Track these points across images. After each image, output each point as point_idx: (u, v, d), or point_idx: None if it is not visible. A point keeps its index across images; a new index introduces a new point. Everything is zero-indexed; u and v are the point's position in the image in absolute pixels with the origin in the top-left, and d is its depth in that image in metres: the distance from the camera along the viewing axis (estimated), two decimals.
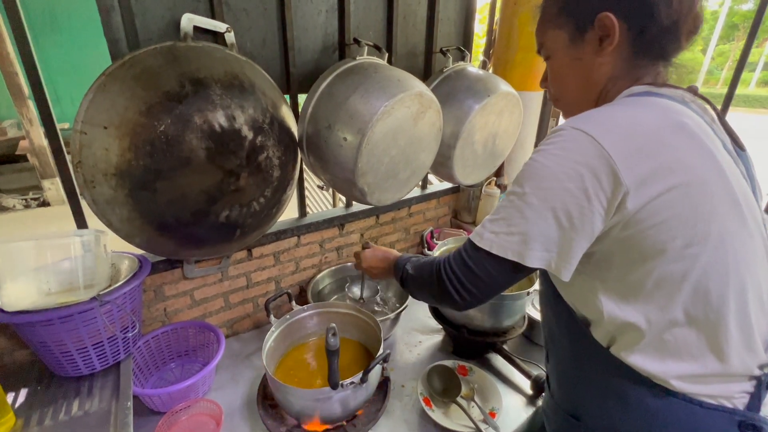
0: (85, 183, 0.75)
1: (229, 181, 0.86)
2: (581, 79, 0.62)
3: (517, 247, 0.53)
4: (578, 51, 0.60)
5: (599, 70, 0.60)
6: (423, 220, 1.64)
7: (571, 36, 0.60)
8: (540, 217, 0.51)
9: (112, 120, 0.74)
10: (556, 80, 0.67)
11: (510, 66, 1.51)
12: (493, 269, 0.56)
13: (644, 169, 0.48)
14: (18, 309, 0.69)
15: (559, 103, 0.69)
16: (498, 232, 0.55)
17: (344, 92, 0.96)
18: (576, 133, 0.51)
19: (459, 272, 0.59)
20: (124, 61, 0.77)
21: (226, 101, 0.82)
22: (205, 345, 1.07)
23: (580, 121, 0.52)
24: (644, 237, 0.50)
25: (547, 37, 0.64)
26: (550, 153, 0.52)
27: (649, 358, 0.55)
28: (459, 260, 0.60)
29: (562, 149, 0.51)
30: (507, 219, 0.54)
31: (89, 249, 0.77)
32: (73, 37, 5.49)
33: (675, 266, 0.50)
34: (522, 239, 0.53)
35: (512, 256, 0.53)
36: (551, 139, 0.53)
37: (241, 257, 1.16)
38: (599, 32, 0.57)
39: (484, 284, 0.58)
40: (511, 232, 0.53)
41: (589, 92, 0.62)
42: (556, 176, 0.51)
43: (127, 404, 0.72)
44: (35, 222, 4.20)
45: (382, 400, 0.95)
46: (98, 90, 0.74)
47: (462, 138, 1.20)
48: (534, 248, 0.52)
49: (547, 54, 0.66)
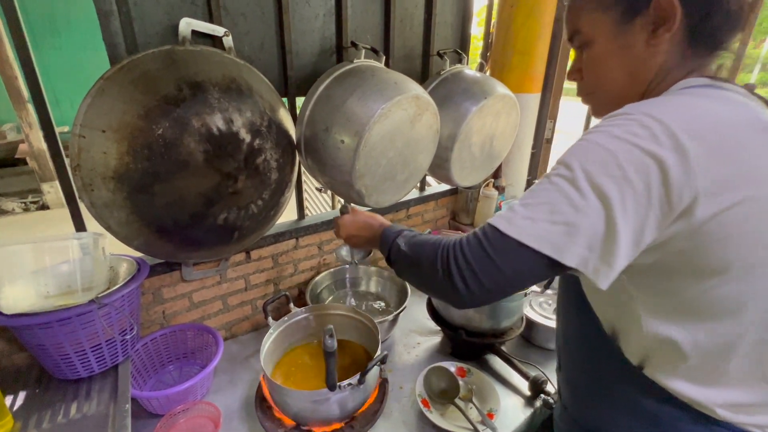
0: (83, 186, 0.76)
1: (227, 184, 0.86)
2: (628, 70, 0.54)
3: (558, 239, 0.44)
4: (627, 37, 0.52)
5: (651, 60, 0.52)
6: (421, 221, 1.64)
7: (618, 20, 0.52)
8: (591, 208, 0.43)
9: (110, 124, 0.74)
10: (594, 71, 0.58)
11: (507, 68, 1.52)
12: (521, 263, 0.46)
13: (721, 173, 0.41)
14: (16, 312, 0.69)
15: (594, 97, 0.61)
16: (536, 218, 0.45)
17: (342, 95, 0.96)
18: (649, 120, 0.43)
19: (474, 261, 0.48)
20: (122, 65, 0.78)
21: (224, 104, 0.83)
22: (204, 347, 1.08)
23: (648, 106, 0.45)
24: (708, 252, 0.44)
25: (586, 21, 0.56)
26: (614, 135, 0.44)
27: (692, 383, 0.50)
28: (476, 247, 0.49)
29: (631, 134, 0.43)
30: (550, 204, 0.45)
31: (88, 252, 0.78)
32: (72, 41, 5.51)
33: (736, 287, 0.45)
34: (567, 231, 0.43)
35: (549, 251, 0.44)
36: (614, 121, 0.45)
37: (239, 259, 1.16)
38: (655, 16, 0.50)
39: (504, 280, 0.48)
40: (554, 220, 0.44)
41: (636, 85, 0.55)
42: (618, 162, 0.42)
43: (125, 407, 0.72)
44: (34, 225, 4.20)
45: (380, 402, 0.96)
46: (97, 94, 0.75)
47: (459, 140, 1.21)
48: (578, 243, 0.43)
49: (584, 41, 0.57)
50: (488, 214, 1.64)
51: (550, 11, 1.46)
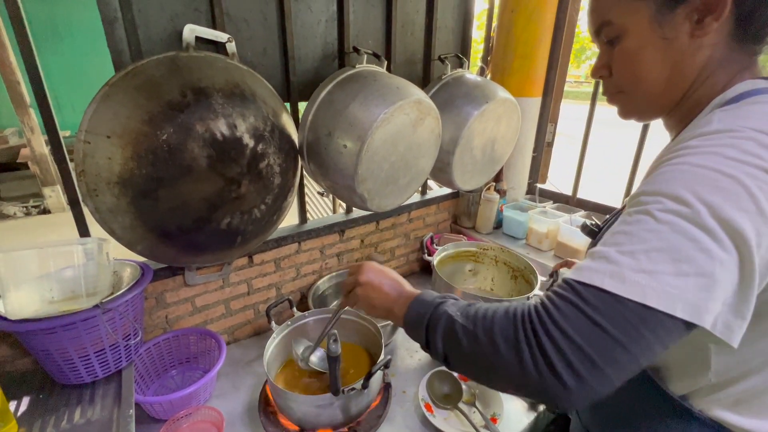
0: (88, 191, 0.76)
1: (230, 189, 0.87)
2: (669, 66, 0.48)
3: (694, 296, 0.34)
4: (668, 28, 0.46)
5: (695, 54, 0.46)
6: (423, 225, 1.64)
7: (658, 8, 0.46)
8: (727, 252, 0.34)
9: (115, 129, 0.75)
10: (628, 67, 0.51)
11: (508, 73, 1.53)
12: (651, 333, 0.35)
13: None
14: (21, 317, 0.69)
15: (624, 96, 0.54)
16: (657, 271, 0.35)
17: (344, 100, 0.97)
18: (760, 135, 0.36)
19: (579, 337, 0.35)
20: (127, 72, 0.78)
21: (227, 110, 0.83)
22: (207, 352, 1.08)
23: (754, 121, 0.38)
24: None
25: (618, 11, 0.49)
26: (728, 157, 0.36)
27: (749, 417, 0.47)
28: (576, 317, 0.36)
29: (750, 154, 0.35)
30: (672, 251, 0.35)
31: (92, 257, 0.78)
32: (74, 46, 5.55)
33: None
34: (704, 284, 0.34)
35: (685, 313, 0.34)
36: (718, 139, 0.38)
37: (242, 264, 1.16)
38: (701, 5, 0.44)
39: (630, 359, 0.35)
40: (683, 272, 0.34)
41: (677, 83, 0.48)
42: (748, 191, 0.34)
43: (128, 412, 0.72)
44: (36, 229, 4.20)
45: (383, 406, 0.95)
46: (102, 100, 0.75)
47: (461, 144, 1.21)
48: (717, 299, 0.35)
49: (615, 33, 0.50)
50: (489, 218, 1.64)
51: (550, 15, 1.47)
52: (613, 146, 7.52)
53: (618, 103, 0.56)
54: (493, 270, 1.39)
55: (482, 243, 1.42)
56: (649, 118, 0.56)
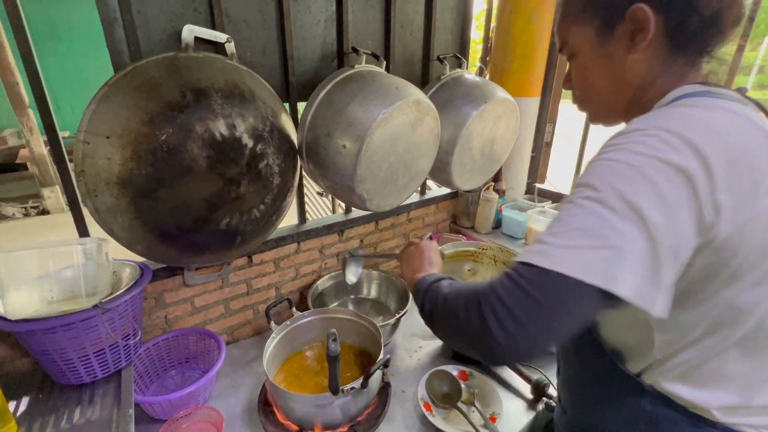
0: (87, 192, 0.76)
1: (229, 189, 0.87)
2: (612, 79, 0.56)
3: (605, 265, 0.39)
4: (607, 48, 0.54)
5: (633, 68, 0.53)
6: (422, 225, 1.65)
7: (598, 31, 0.54)
8: (631, 227, 0.39)
9: (114, 130, 0.75)
10: (582, 80, 0.60)
11: (506, 73, 1.53)
12: (568, 298, 0.40)
13: (742, 186, 0.41)
14: (21, 317, 0.69)
15: (585, 105, 0.63)
16: (573, 245, 0.41)
17: (343, 100, 0.97)
18: (666, 134, 0.42)
19: (511, 304, 0.42)
20: (126, 72, 0.79)
21: (226, 110, 0.83)
22: (206, 352, 1.08)
23: (658, 120, 0.44)
24: (726, 266, 0.43)
25: (571, 33, 0.58)
26: (636, 152, 0.42)
27: (690, 387, 0.51)
28: (513, 290, 0.42)
29: (653, 148, 0.41)
30: (584, 228, 0.41)
31: (91, 257, 0.78)
32: (73, 47, 5.55)
33: (748, 296, 0.45)
34: (612, 255, 0.39)
35: (598, 280, 0.39)
36: (629, 137, 0.44)
37: (241, 264, 1.16)
38: (631, 26, 0.51)
39: (550, 322, 0.42)
40: (595, 245, 0.40)
41: (622, 92, 0.56)
42: (647, 178, 0.40)
43: (128, 412, 0.73)
44: (35, 230, 4.20)
45: (382, 406, 0.96)
46: (101, 100, 0.76)
47: (460, 144, 1.21)
48: (627, 268, 0.39)
49: (571, 52, 0.59)
50: (489, 218, 1.64)
51: (548, 16, 1.47)
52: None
53: (584, 110, 0.64)
54: (492, 270, 1.39)
55: (481, 243, 1.42)
56: (610, 123, 0.63)
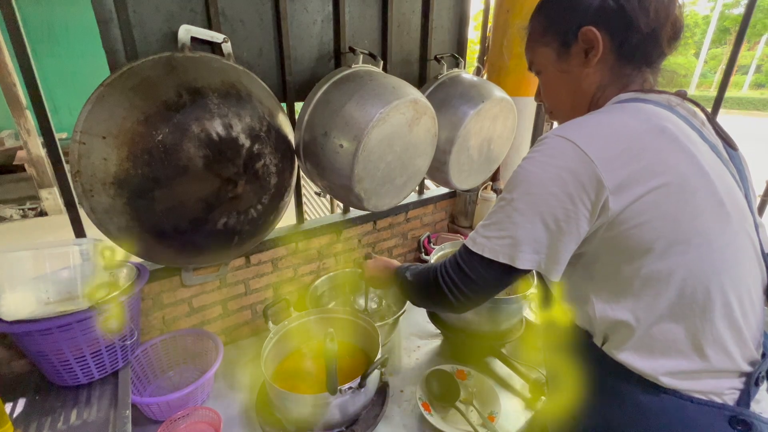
0: (83, 192, 0.76)
1: (226, 189, 0.87)
2: (571, 91, 0.65)
3: (507, 250, 0.56)
4: (566, 64, 0.64)
5: (587, 80, 0.63)
6: (420, 225, 1.65)
7: (557, 51, 0.64)
8: (528, 221, 0.55)
9: (110, 130, 0.75)
10: (548, 94, 0.70)
11: (504, 72, 1.53)
12: (486, 272, 0.60)
13: (626, 171, 0.51)
14: (17, 318, 0.69)
15: (554, 115, 0.72)
16: (490, 236, 0.58)
17: (340, 100, 0.97)
18: (559, 141, 0.54)
19: (454, 275, 0.63)
20: (122, 72, 0.78)
21: (223, 110, 0.83)
22: (204, 353, 1.07)
23: (563, 129, 0.56)
24: (628, 237, 0.52)
25: (536, 54, 0.68)
26: (536, 160, 0.55)
27: (638, 356, 0.56)
28: (454, 264, 0.63)
29: (547, 156, 0.54)
30: (498, 224, 0.58)
31: (88, 258, 0.78)
32: (70, 48, 5.53)
33: (661, 264, 0.53)
34: (512, 242, 0.56)
35: (503, 259, 0.57)
36: (537, 147, 0.57)
37: (239, 264, 1.16)
38: (584, 45, 0.60)
39: (477, 287, 0.61)
40: (502, 236, 0.57)
41: (580, 102, 0.65)
42: (541, 182, 0.54)
43: (125, 413, 0.72)
44: (33, 232, 4.19)
45: (381, 406, 0.95)
46: (97, 100, 0.75)
47: (457, 143, 1.21)
48: (524, 251, 0.55)
49: (537, 70, 0.69)
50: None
51: None
52: None
53: (554, 119, 0.73)
54: None
55: None
56: None
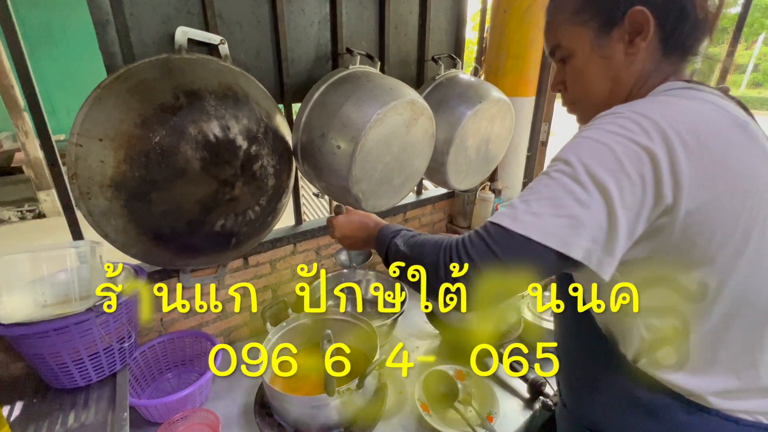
0: (80, 194, 0.76)
1: (224, 191, 0.87)
2: (609, 79, 0.57)
3: (564, 232, 0.44)
4: (606, 49, 0.55)
5: (630, 67, 0.55)
6: (419, 225, 1.65)
7: (597, 32, 0.55)
8: (593, 200, 0.44)
9: (107, 132, 0.74)
10: (578, 82, 0.60)
11: (501, 73, 1.53)
12: (527, 259, 0.46)
13: (706, 167, 0.44)
14: (14, 321, 0.69)
15: (578, 106, 0.63)
16: (540, 213, 0.45)
17: (337, 101, 0.97)
18: (638, 117, 0.45)
19: (478, 259, 0.47)
20: (119, 74, 0.78)
21: (220, 112, 0.83)
22: (202, 354, 1.07)
23: (637, 106, 0.47)
24: (693, 244, 0.46)
25: (566, 36, 0.58)
26: (607, 131, 0.46)
27: (684, 374, 0.51)
28: (480, 245, 0.47)
29: (623, 128, 0.45)
30: (553, 198, 0.45)
31: (85, 260, 0.77)
32: (68, 50, 5.52)
33: (720, 276, 0.47)
34: (572, 223, 0.44)
35: (556, 244, 0.44)
36: (605, 119, 0.47)
37: (237, 266, 1.16)
38: (629, 28, 0.53)
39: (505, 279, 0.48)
40: (559, 214, 0.44)
41: (618, 92, 0.57)
42: (615, 156, 0.44)
43: (123, 415, 0.72)
44: (31, 234, 4.18)
45: (379, 407, 0.95)
46: (94, 103, 0.75)
47: (455, 144, 1.21)
48: (583, 236, 0.44)
49: (565, 54, 0.60)
50: (485, 217, 1.64)
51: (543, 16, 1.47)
52: None
53: (574, 113, 0.65)
54: None
55: None
56: None
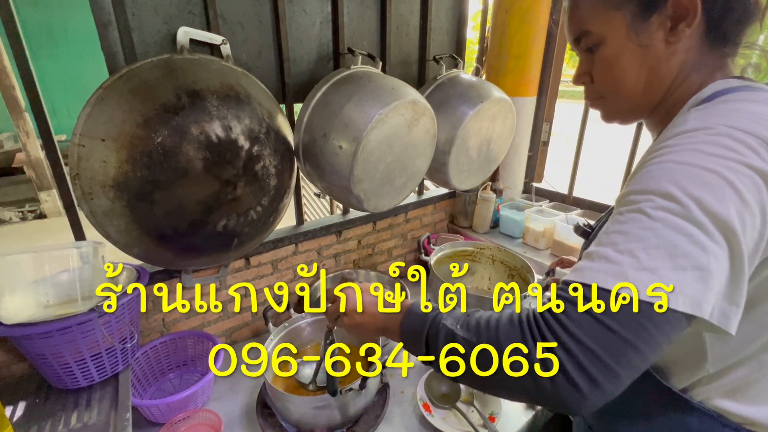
0: (83, 195, 0.76)
1: (226, 191, 0.87)
2: (646, 71, 0.50)
3: (693, 289, 0.35)
4: (644, 36, 0.48)
5: (671, 59, 0.48)
6: (420, 225, 1.65)
7: (634, 17, 0.48)
8: (717, 244, 0.35)
9: (109, 132, 0.75)
10: (608, 73, 0.53)
11: (503, 72, 1.53)
12: (654, 328, 0.35)
13: None
14: (17, 322, 0.69)
15: (606, 101, 0.56)
16: (657, 267, 0.35)
17: (339, 101, 0.97)
18: (739, 133, 0.37)
19: (593, 342, 0.35)
20: (121, 75, 0.78)
21: (222, 112, 0.83)
22: (204, 355, 1.07)
23: (725, 119, 0.40)
24: None
25: (596, 21, 0.51)
26: (708, 153, 0.37)
27: (745, 404, 0.48)
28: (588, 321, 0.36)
29: (728, 149, 0.37)
30: (666, 246, 0.35)
31: (87, 260, 0.78)
32: (69, 50, 5.52)
33: None
34: (699, 276, 0.35)
35: (687, 307, 0.35)
36: (696, 137, 0.39)
37: (239, 266, 1.16)
38: (673, 13, 0.46)
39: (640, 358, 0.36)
40: (681, 266, 0.35)
41: (656, 87, 0.50)
42: (731, 183, 0.36)
43: (125, 416, 0.72)
44: (32, 234, 4.18)
45: (381, 407, 0.95)
46: (96, 103, 0.75)
47: (456, 144, 1.21)
48: (713, 290, 0.35)
49: (594, 42, 0.52)
50: (486, 217, 1.64)
51: (544, 15, 1.47)
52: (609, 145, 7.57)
53: (600, 108, 0.58)
54: (490, 269, 1.39)
55: (479, 242, 1.42)
56: (630, 120, 0.58)
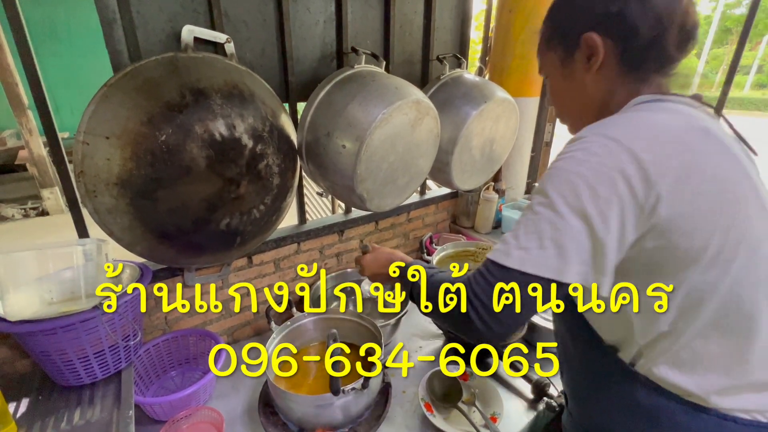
0: (87, 192, 0.76)
1: (229, 189, 0.87)
2: (577, 96, 0.64)
3: (554, 262, 0.48)
4: (570, 70, 0.63)
5: (592, 86, 0.61)
6: (422, 225, 1.65)
7: (562, 57, 0.63)
8: (573, 227, 0.48)
9: (113, 130, 0.75)
10: (555, 98, 0.69)
11: (506, 73, 1.53)
12: (525, 291, 0.49)
13: (676, 174, 0.47)
14: (21, 318, 0.69)
15: (563, 119, 0.71)
16: (529, 247, 0.49)
17: (343, 100, 0.97)
18: (601, 139, 0.49)
19: (484, 297, 0.51)
20: (125, 73, 0.78)
21: (226, 110, 0.83)
22: (206, 353, 1.07)
23: (601, 127, 0.51)
24: (676, 246, 0.48)
25: (544, 59, 0.67)
26: (577, 158, 0.49)
27: (681, 372, 0.53)
28: (483, 284, 0.52)
29: (591, 154, 0.49)
30: (537, 232, 0.49)
31: (91, 258, 0.78)
32: (72, 47, 5.54)
33: (707, 275, 0.49)
34: (558, 252, 0.48)
35: (549, 274, 0.48)
36: (574, 145, 0.51)
37: (241, 265, 1.16)
38: (586, 51, 0.59)
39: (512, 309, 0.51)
40: (544, 245, 0.48)
41: (588, 107, 0.63)
42: (587, 182, 0.47)
43: (128, 413, 0.72)
44: (34, 231, 4.19)
45: (383, 406, 0.95)
46: (100, 101, 0.75)
47: (459, 144, 1.21)
48: (572, 262, 0.48)
49: (544, 74, 0.69)
50: (489, 217, 1.64)
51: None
52: None
53: (564, 124, 0.72)
54: None
55: (481, 242, 1.42)
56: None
